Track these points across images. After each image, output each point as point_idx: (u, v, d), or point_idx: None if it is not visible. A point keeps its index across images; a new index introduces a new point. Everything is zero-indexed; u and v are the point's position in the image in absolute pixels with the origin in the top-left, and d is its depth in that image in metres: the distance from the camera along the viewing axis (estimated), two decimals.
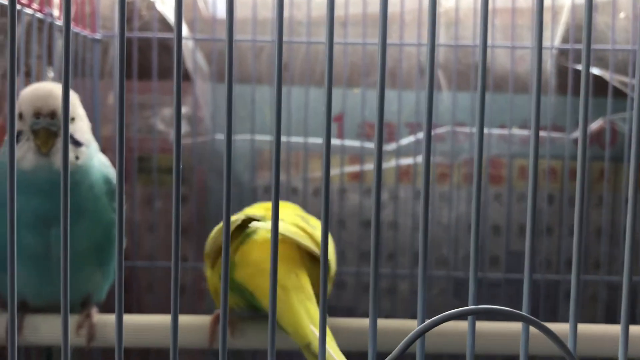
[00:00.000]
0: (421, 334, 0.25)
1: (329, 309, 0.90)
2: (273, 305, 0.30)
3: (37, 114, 0.57)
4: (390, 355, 0.25)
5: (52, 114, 0.57)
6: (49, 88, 0.58)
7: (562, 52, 0.88)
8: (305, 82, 0.88)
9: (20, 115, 0.58)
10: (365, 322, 0.64)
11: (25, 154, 0.57)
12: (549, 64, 0.87)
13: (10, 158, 0.31)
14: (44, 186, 0.57)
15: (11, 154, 0.31)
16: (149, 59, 0.86)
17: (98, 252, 0.62)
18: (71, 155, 0.58)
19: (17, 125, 0.57)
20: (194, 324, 0.64)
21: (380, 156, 0.30)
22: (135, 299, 0.89)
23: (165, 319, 0.63)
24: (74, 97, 0.60)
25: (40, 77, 0.70)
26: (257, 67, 0.89)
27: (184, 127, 0.89)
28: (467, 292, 0.30)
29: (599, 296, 0.88)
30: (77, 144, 0.59)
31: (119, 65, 0.29)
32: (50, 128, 0.57)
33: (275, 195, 0.31)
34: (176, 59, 0.30)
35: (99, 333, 0.62)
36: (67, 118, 0.31)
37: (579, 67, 0.85)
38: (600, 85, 0.85)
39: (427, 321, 0.25)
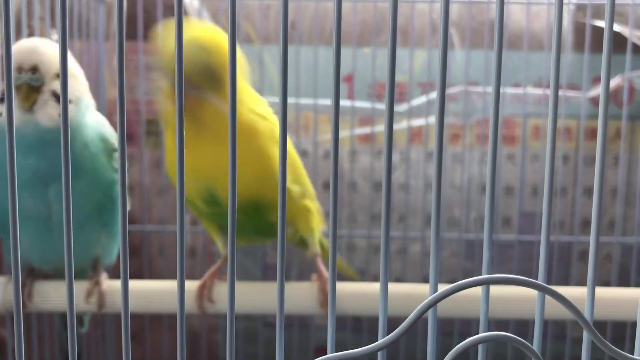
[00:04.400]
0: (433, 304, 0.24)
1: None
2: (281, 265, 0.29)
3: (19, 69, 0.55)
4: (401, 326, 0.24)
5: (34, 69, 0.55)
6: (32, 43, 0.57)
7: (580, 8, 0.85)
8: (314, 41, 0.86)
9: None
10: (375, 286, 0.63)
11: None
12: (566, 20, 0.85)
13: (9, 120, 0.30)
14: (32, 143, 0.56)
15: (9, 115, 0.30)
16: (154, 19, 0.84)
17: (101, 212, 0.61)
18: (55, 112, 0.56)
19: None
20: None
21: (391, 117, 0.28)
22: (146, 264, 0.89)
23: (176, 284, 0.63)
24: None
25: None
26: (265, 26, 0.87)
27: None
28: (479, 254, 0.29)
29: (613, 257, 0.87)
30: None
31: (118, 30, 0.28)
32: (32, 83, 0.55)
33: (283, 161, 0.30)
34: (177, 18, 0.29)
35: (110, 299, 0.62)
36: (65, 83, 0.30)
37: (597, 23, 0.83)
38: (618, 41, 0.82)
39: (439, 291, 0.24)
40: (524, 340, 0.25)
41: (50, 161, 0.56)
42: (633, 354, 0.29)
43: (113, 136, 0.61)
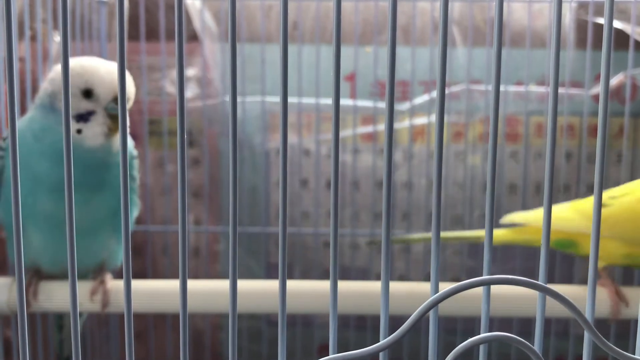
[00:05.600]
0: (433, 305, 0.24)
1: (343, 269, 0.90)
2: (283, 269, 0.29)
3: (116, 100, 0.57)
4: (401, 327, 0.25)
5: (115, 99, 0.58)
6: (112, 69, 0.58)
7: (582, 5, 0.85)
8: (316, 40, 0.86)
9: (89, 93, 0.57)
10: (378, 285, 0.63)
11: (97, 134, 0.58)
12: (567, 18, 0.84)
13: (11, 128, 0.31)
14: (96, 164, 0.58)
15: (12, 124, 0.31)
16: (156, 19, 0.85)
17: (113, 220, 0.62)
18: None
19: (86, 104, 0.57)
20: (208, 287, 0.64)
21: (391, 115, 0.28)
22: (150, 264, 0.90)
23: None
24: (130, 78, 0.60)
25: (46, 42, 0.68)
26: (267, 26, 0.87)
27: (194, 89, 0.88)
28: (482, 252, 0.29)
29: None
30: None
31: (119, 30, 0.28)
32: (115, 113, 0.58)
33: (284, 158, 0.30)
34: (177, 21, 0.29)
35: (114, 299, 0.62)
36: (67, 89, 0.30)
37: (599, 20, 0.82)
38: (620, 38, 0.82)
39: (440, 292, 0.25)
40: (524, 341, 0.25)
41: (83, 173, 0.57)
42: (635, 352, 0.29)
43: (132, 144, 0.63)
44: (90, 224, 0.60)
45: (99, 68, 0.58)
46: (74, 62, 0.58)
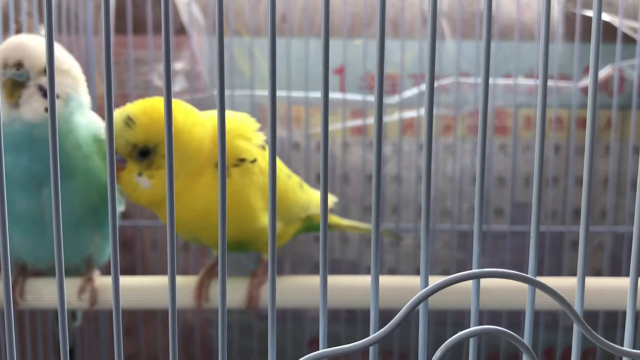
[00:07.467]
0: (423, 299, 0.24)
1: (333, 263, 0.90)
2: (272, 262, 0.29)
3: (4, 65, 0.56)
4: (392, 321, 0.24)
5: (19, 64, 0.56)
6: (18, 39, 0.57)
7: None
8: (305, 33, 0.86)
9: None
10: (368, 279, 0.63)
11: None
12: (556, 10, 0.84)
13: None
14: (20, 140, 0.56)
15: None
16: (143, 12, 0.84)
17: (95, 214, 0.61)
18: (40, 106, 0.56)
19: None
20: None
21: (380, 109, 0.28)
22: (139, 259, 0.89)
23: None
24: (57, 50, 0.58)
25: None
26: (255, 18, 0.86)
27: (182, 83, 0.88)
28: (472, 245, 0.29)
29: (605, 246, 0.87)
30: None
31: (105, 24, 0.28)
32: (16, 79, 0.56)
33: (272, 151, 0.30)
34: (164, 14, 0.28)
35: (102, 296, 0.61)
36: (52, 78, 0.30)
37: (587, 13, 0.83)
38: (608, 31, 0.82)
39: (429, 286, 0.24)
40: (514, 334, 0.25)
41: (44, 162, 0.56)
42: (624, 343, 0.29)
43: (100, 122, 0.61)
44: (67, 217, 0.59)
45: (25, 41, 0.56)
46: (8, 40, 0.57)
